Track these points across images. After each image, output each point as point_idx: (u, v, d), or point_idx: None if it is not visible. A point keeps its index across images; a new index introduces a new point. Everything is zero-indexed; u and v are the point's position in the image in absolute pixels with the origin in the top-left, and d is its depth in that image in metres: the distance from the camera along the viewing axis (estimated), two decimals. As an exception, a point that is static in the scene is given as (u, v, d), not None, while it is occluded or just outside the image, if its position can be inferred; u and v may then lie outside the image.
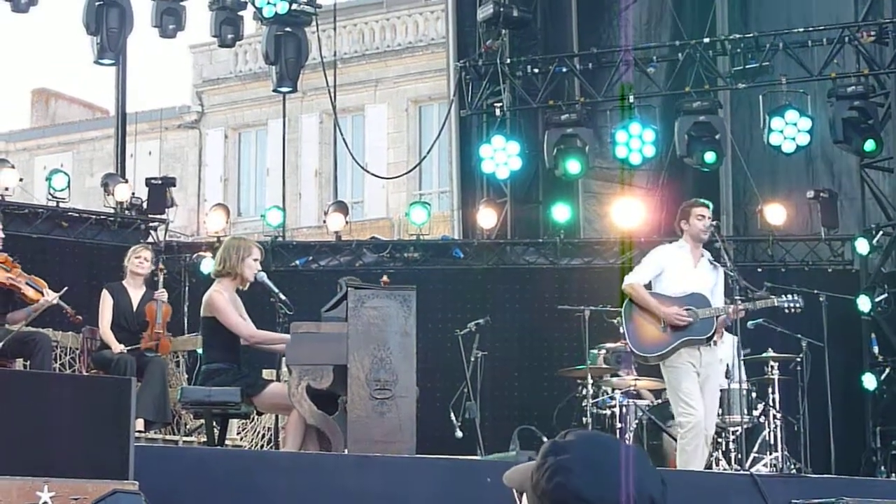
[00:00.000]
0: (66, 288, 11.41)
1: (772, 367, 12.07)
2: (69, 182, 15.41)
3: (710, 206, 10.34)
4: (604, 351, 12.25)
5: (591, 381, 11.83)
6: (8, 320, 11.29)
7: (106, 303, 11.55)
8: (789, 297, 10.35)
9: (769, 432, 11.78)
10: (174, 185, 16.40)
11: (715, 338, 10.04)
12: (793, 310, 10.32)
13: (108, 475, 6.68)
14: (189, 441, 11.96)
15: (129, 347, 11.35)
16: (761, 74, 15.53)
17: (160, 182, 16.12)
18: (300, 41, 16.84)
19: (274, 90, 17.39)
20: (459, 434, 12.81)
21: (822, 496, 8.87)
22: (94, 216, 15.43)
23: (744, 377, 11.13)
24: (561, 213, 15.87)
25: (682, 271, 9.97)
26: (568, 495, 2.42)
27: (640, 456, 2.50)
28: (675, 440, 10.25)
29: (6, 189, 14.91)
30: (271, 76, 17.29)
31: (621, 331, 10.48)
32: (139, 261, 11.73)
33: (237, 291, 9.67)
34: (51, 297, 11.25)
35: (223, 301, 9.42)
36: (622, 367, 12.12)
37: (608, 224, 16.21)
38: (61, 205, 15.14)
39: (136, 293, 11.72)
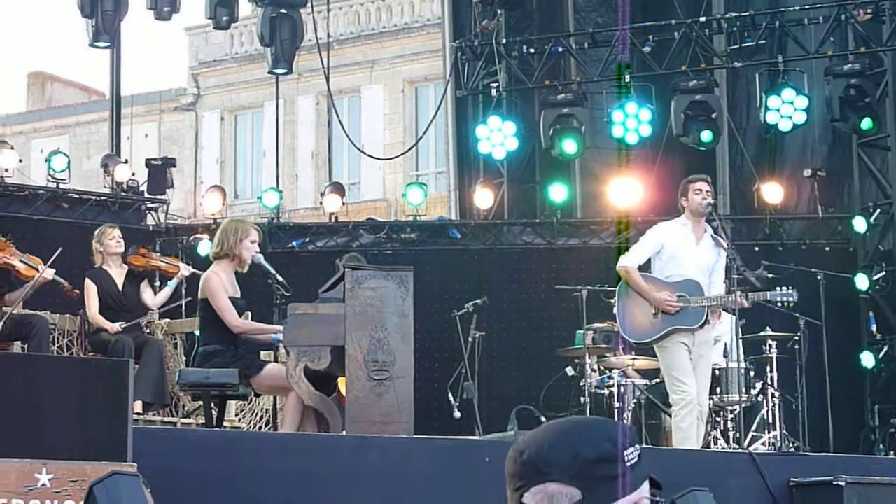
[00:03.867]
0: (59, 249, 11.32)
1: (770, 345, 12.08)
2: (69, 163, 15.38)
3: (708, 179, 10.32)
4: (592, 332, 12.21)
5: (588, 360, 11.85)
6: (6, 301, 11.31)
7: (90, 290, 11.48)
8: (783, 290, 10.29)
9: (767, 411, 11.80)
10: (174, 166, 16.38)
11: (711, 320, 10.03)
12: (786, 304, 10.30)
13: (107, 457, 6.68)
14: (187, 423, 11.96)
15: (126, 325, 11.36)
16: (758, 53, 15.49)
17: (160, 163, 16.09)
18: (295, 23, 16.78)
19: (269, 72, 17.34)
20: (457, 414, 12.82)
21: (820, 474, 8.88)
22: (94, 197, 15.40)
23: (742, 356, 11.14)
24: (558, 192, 15.85)
25: (682, 249, 9.94)
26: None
27: (585, 423, 2.61)
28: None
29: (6, 170, 14.86)
30: (266, 58, 17.24)
31: (615, 311, 10.47)
32: (114, 241, 11.68)
33: (236, 274, 9.68)
34: (47, 272, 11.25)
35: (217, 284, 9.42)
36: (612, 346, 12.10)
37: (605, 204, 16.19)
38: (61, 186, 15.11)
39: (118, 273, 11.70)
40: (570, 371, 12.58)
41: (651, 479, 2.57)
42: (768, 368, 11.98)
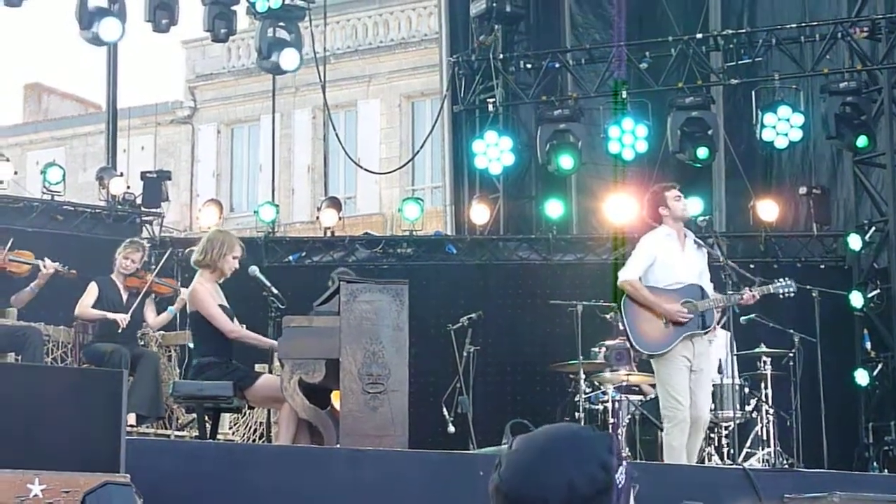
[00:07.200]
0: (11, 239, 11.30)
1: (764, 362, 12.08)
2: (64, 175, 15.36)
3: (678, 185, 10.36)
4: (604, 349, 12.19)
5: (583, 376, 11.83)
6: (12, 302, 11.31)
7: (91, 291, 11.41)
8: (782, 281, 10.30)
9: (762, 427, 11.79)
10: (170, 179, 16.39)
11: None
12: (786, 294, 10.28)
13: (100, 468, 6.66)
14: (181, 435, 11.94)
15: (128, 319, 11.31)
16: (754, 70, 15.51)
17: (156, 176, 16.10)
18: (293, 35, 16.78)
19: (271, 72, 17.22)
20: (452, 429, 12.82)
21: (814, 491, 8.87)
22: (89, 210, 15.40)
23: (736, 372, 11.13)
24: (554, 208, 15.87)
25: (671, 258, 9.93)
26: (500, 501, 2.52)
27: (574, 445, 2.53)
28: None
29: (1, 182, 14.87)
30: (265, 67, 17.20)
31: (621, 327, 10.40)
32: (128, 262, 11.62)
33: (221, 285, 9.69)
34: (49, 268, 11.24)
35: (205, 293, 9.42)
36: (622, 363, 12.06)
37: (601, 220, 16.19)
38: (56, 198, 15.09)
39: (125, 287, 11.68)
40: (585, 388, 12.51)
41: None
42: (763, 385, 11.98)
